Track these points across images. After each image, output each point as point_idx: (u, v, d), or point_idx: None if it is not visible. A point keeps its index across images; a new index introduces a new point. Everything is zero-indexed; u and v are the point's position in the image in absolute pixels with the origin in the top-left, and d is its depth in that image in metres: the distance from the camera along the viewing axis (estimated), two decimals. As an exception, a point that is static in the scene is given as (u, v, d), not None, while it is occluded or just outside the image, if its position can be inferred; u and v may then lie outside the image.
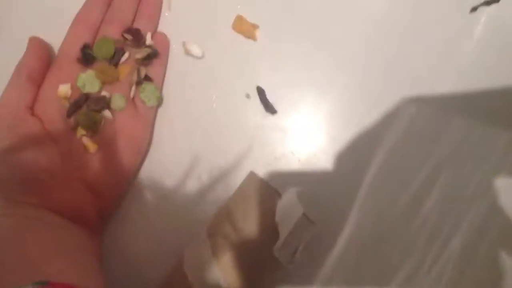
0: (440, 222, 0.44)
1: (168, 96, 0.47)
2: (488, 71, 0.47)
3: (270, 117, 0.47)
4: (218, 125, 0.47)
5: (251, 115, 0.47)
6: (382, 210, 0.45)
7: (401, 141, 0.46)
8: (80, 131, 0.42)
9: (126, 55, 0.44)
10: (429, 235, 0.44)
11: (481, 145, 0.45)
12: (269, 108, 0.47)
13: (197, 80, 0.47)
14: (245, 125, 0.47)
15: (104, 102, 0.42)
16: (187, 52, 0.47)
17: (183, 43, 0.47)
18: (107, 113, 0.42)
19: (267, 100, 0.47)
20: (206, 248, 0.39)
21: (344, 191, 0.45)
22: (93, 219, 0.42)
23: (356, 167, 0.46)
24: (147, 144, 0.46)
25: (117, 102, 0.43)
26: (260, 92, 0.47)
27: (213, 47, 0.48)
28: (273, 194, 0.41)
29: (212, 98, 0.47)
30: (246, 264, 0.38)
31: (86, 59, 0.43)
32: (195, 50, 0.47)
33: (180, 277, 0.39)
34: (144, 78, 0.44)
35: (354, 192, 0.45)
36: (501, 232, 0.44)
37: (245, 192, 0.42)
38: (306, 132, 0.47)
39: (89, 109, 0.42)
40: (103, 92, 0.43)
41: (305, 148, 0.46)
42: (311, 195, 0.44)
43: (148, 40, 0.45)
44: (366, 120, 0.46)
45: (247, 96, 0.47)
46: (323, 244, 0.44)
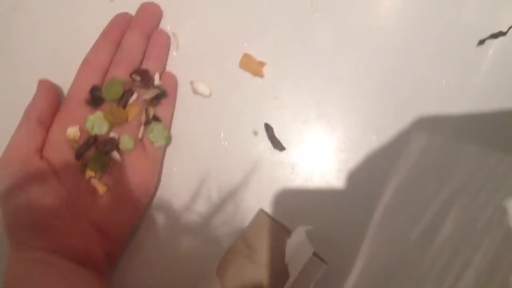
0: (454, 254, 0.44)
1: (177, 136, 0.47)
2: (498, 100, 0.47)
3: (279, 154, 0.47)
4: (227, 163, 0.47)
5: (260, 152, 0.47)
6: (394, 244, 0.45)
7: (413, 172, 0.46)
8: (89, 173, 0.42)
9: (135, 96, 0.45)
10: (443, 268, 0.43)
11: (494, 174, 0.45)
12: (277, 145, 0.47)
13: (205, 119, 0.47)
14: (254, 162, 0.47)
15: (113, 144, 0.42)
16: (195, 91, 0.47)
17: (191, 82, 0.48)
18: (116, 155, 0.43)
19: (275, 137, 0.47)
20: (215, 289, 0.39)
21: (355, 226, 0.45)
22: (101, 262, 0.42)
23: (367, 201, 0.45)
24: (156, 185, 0.46)
25: (126, 143, 0.43)
26: (268, 129, 0.47)
27: (221, 85, 0.48)
28: (283, 233, 0.40)
29: (221, 136, 0.47)
30: (256, 306, 0.38)
31: (95, 101, 0.44)
32: (203, 89, 0.47)
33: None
34: (153, 118, 0.45)
35: (365, 226, 0.45)
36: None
37: (254, 231, 0.41)
38: (315, 167, 0.46)
39: (98, 151, 0.42)
40: (112, 134, 0.43)
41: (314, 183, 0.46)
42: (321, 231, 0.44)
43: (157, 81, 0.46)
44: (377, 152, 0.46)
45: (255, 133, 0.47)
46: (334, 282, 0.44)
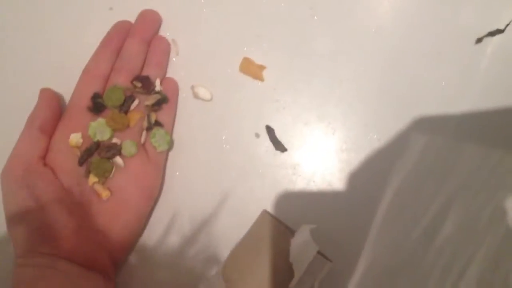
0: (456, 253, 0.44)
1: (179, 140, 0.48)
2: (498, 98, 0.47)
3: (280, 155, 0.47)
4: (230, 166, 0.47)
5: (262, 154, 0.47)
6: (396, 243, 0.45)
7: (413, 172, 0.46)
8: (92, 179, 0.42)
9: (136, 102, 0.45)
10: (444, 268, 0.44)
11: (495, 172, 0.45)
12: (279, 146, 0.47)
13: (207, 123, 0.48)
14: (256, 164, 0.47)
15: (115, 149, 0.43)
16: (196, 96, 0.48)
17: (192, 87, 0.48)
18: (119, 160, 0.43)
19: (277, 139, 0.47)
20: (221, 290, 0.39)
21: (358, 225, 0.45)
22: (107, 265, 0.42)
23: (369, 200, 0.46)
24: (159, 188, 0.46)
25: (128, 149, 0.43)
26: (270, 131, 0.47)
27: (222, 90, 0.48)
28: (286, 233, 0.40)
29: (222, 139, 0.47)
30: (262, 305, 0.38)
31: (97, 108, 0.44)
32: (204, 93, 0.48)
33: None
34: (155, 124, 0.45)
35: (368, 225, 0.45)
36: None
37: (258, 232, 0.41)
38: (317, 168, 0.47)
39: (101, 157, 0.43)
40: (114, 139, 0.43)
41: (316, 184, 0.46)
42: (325, 230, 0.44)
43: (158, 86, 0.46)
44: (377, 153, 0.47)
45: (257, 136, 0.47)
46: (338, 280, 0.44)
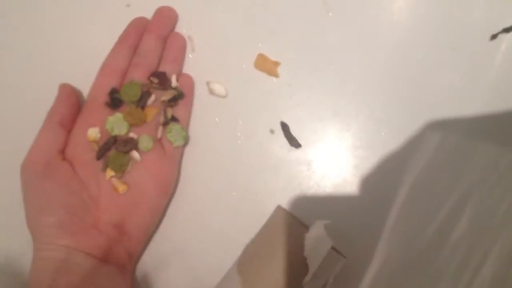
0: (470, 250, 0.44)
1: (194, 135, 0.48)
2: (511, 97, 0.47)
3: (295, 151, 0.47)
4: (244, 161, 0.47)
5: (276, 150, 0.47)
6: (411, 240, 0.45)
7: (427, 169, 0.46)
8: (110, 173, 0.43)
9: (153, 98, 0.45)
10: (459, 264, 0.44)
11: (509, 170, 0.45)
12: (294, 142, 0.47)
13: (222, 118, 0.48)
14: (271, 160, 0.47)
15: (132, 144, 0.43)
16: (211, 92, 0.48)
17: (207, 83, 0.48)
18: (135, 154, 0.43)
19: (291, 135, 0.47)
20: (236, 284, 0.39)
21: (372, 221, 0.45)
22: (124, 258, 0.42)
23: (383, 197, 0.46)
24: (175, 183, 0.46)
25: (145, 143, 0.44)
26: (284, 127, 0.47)
27: (237, 86, 0.49)
28: (301, 228, 0.41)
29: (237, 135, 0.48)
30: (276, 300, 0.38)
31: (114, 103, 0.45)
32: (219, 89, 0.48)
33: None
34: (171, 119, 0.46)
35: (382, 222, 0.45)
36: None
37: (273, 227, 0.42)
38: (331, 164, 0.47)
39: (118, 151, 0.43)
40: (131, 134, 0.44)
41: (331, 180, 0.47)
42: (339, 227, 0.44)
43: (174, 82, 0.46)
44: (391, 150, 0.47)
45: (271, 132, 0.48)
46: (353, 276, 0.44)
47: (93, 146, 0.43)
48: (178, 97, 0.46)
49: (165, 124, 0.45)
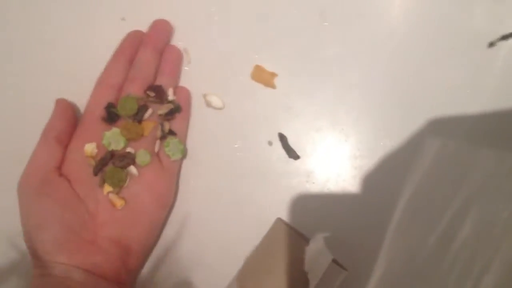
0: (472, 259, 0.43)
1: (192, 148, 0.48)
2: (511, 103, 0.47)
3: (294, 162, 0.47)
4: (243, 173, 0.47)
5: (275, 162, 0.47)
6: (412, 249, 0.44)
7: (427, 178, 0.46)
8: (107, 188, 0.42)
9: (150, 112, 0.45)
10: (461, 273, 0.43)
11: (509, 177, 0.45)
12: (292, 154, 0.47)
13: (220, 131, 0.48)
14: (270, 172, 0.47)
15: (130, 159, 0.43)
16: (208, 104, 0.48)
17: (204, 95, 0.48)
18: (133, 169, 0.43)
19: (290, 146, 0.47)
20: (236, 300, 0.39)
21: (372, 232, 0.45)
22: (123, 275, 0.42)
23: (384, 206, 0.46)
24: (173, 197, 0.46)
25: (142, 158, 0.43)
26: (282, 139, 0.47)
27: (234, 98, 0.48)
28: (301, 241, 0.40)
29: (235, 147, 0.48)
30: (277, 314, 0.38)
31: (111, 118, 0.44)
32: (216, 102, 0.48)
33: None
34: (168, 133, 0.45)
35: (383, 232, 0.45)
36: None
37: (273, 240, 0.41)
38: (330, 175, 0.47)
39: (115, 166, 0.43)
40: (128, 149, 0.44)
41: (330, 190, 0.46)
42: (339, 237, 0.44)
43: (170, 96, 0.46)
44: (391, 159, 0.46)
45: (270, 143, 0.47)
46: (354, 289, 0.44)
47: (90, 162, 0.43)
48: (175, 111, 0.46)
49: (163, 138, 0.45)
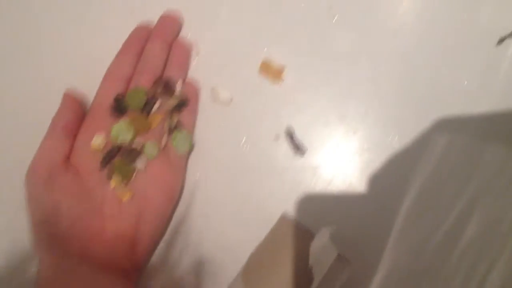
0: (479, 256, 0.43)
1: (199, 142, 0.48)
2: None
3: (300, 157, 0.47)
4: (249, 168, 0.47)
5: (281, 156, 0.47)
6: (418, 246, 0.44)
7: (435, 173, 0.46)
8: (114, 181, 0.43)
9: (158, 104, 0.45)
10: (468, 270, 0.43)
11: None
12: (299, 148, 0.47)
13: (227, 125, 0.48)
14: (276, 166, 0.47)
15: (137, 151, 0.43)
16: (216, 98, 0.48)
17: (212, 89, 0.48)
18: (140, 162, 0.43)
19: (296, 140, 0.47)
20: (242, 293, 0.39)
21: (379, 227, 0.45)
22: (129, 268, 0.42)
23: (390, 202, 0.45)
24: (180, 190, 0.46)
25: (150, 151, 0.44)
26: (289, 133, 0.47)
27: (241, 92, 0.48)
28: (306, 235, 0.40)
29: (242, 141, 0.48)
30: (282, 309, 0.38)
31: (119, 110, 0.45)
32: (224, 95, 0.48)
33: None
34: (176, 126, 0.45)
35: (389, 228, 0.45)
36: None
37: (278, 235, 0.42)
38: (337, 169, 0.47)
39: (123, 159, 0.43)
40: (136, 141, 0.44)
41: (337, 185, 0.46)
42: (345, 232, 0.44)
43: (179, 89, 0.46)
44: (399, 153, 0.46)
45: (276, 138, 0.47)
46: (359, 284, 0.43)
47: (98, 154, 0.43)
48: (183, 104, 0.46)
49: (170, 131, 0.45)
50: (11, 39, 0.51)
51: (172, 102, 0.45)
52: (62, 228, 0.40)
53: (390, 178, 0.46)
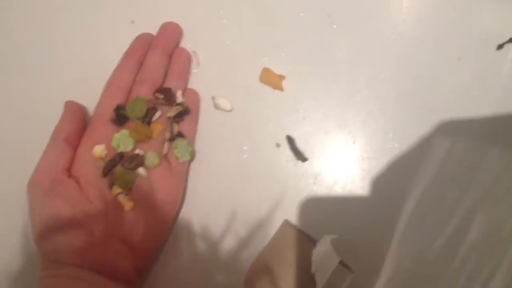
0: (480, 261, 0.43)
1: (201, 150, 0.48)
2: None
3: (301, 164, 0.47)
4: (251, 176, 0.47)
5: (283, 164, 0.47)
6: (420, 251, 0.44)
7: (436, 178, 0.46)
8: (116, 190, 0.43)
9: (158, 114, 0.45)
10: (469, 275, 0.43)
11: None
12: (300, 156, 0.47)
13: (228, 133, 0.48)
14: (277, 174, 0.47)
15: (138, 160, 0.43)
16: (217, 106, 0.48)
17: (212, 98, 0.48)
18: (142, 171, 0.43)
19: (297, 148, 0.47)
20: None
21: (380, 233, 0.45)
22: (131, 276, 0.42)
23: (391, 208, 0.46)
24: (182, 199, 0.46)
25: (151, 160, 0.44)
26: (290, 141, 0.47)
27: (242, 100, 0.49)
28: (308, 243, 0.40)
29: (243, 149, 0.48)
30: (285, 316, 0.38)
31: (120, 119, 0.45)
32: (224, 104, 0.48)
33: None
34: (177, 135, 0.46)
35: (390, 234, 0.45)
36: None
37: (280, 242, 0.42)
38: (338, 177, 0.47)
39: (124, 168, 0.43)
40: (137, 150, 0.44)
41: (338, 193, 0.46)
42: (347, 240, 0.44)
43: (179, 98, 0.47)
44: (399, 160, 0.46)
45: (277, 146, 0.48)
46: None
47: (99, 163, 0.43)
48: (184, 113, 0.46)
49: (171, 140, 0.45)
50: (14, 49, 0.51)
51: (173, 111, 0.46)
52: (64, 237, 0.40)
53: (391, 184, 0.46)
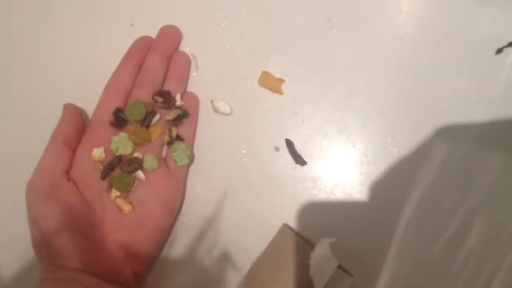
0: (480, 265, 0.43)
1: (199, 154, 0.48)
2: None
3: (300, 168, 0.47)
4: (249, 179, 0.47)
5: (281, 168, 0.47)
6: (419, 256, 0.44)
7: (435, 183, 0.46)
8: (114, 193, 0.43)
9: (157, 117, 0.46)
10: (468, 280, 0.43)
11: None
12: (299, 160, 0.47)
13: (227, 136, 0.48)
14: (276, 178, 0.47)
15: (137, 163, 0.43)
16: (216, 110, 0.48)
17: (212, 101, 0.48)
18: (140, 174, 0.43)
19: (296, 152, 0.47)
20: (242, 305, 0.39)
21: (379, 238, 0.45)
22: (129, 279, 0.42)
23: (390, 213, 0.45)
24: (180, 202, 0.46)
25: (150, 163, 0.44)
26: (289, 145, 0.47)
27: (241, 103, 0.49)
28: (307, 246, 0.40)
29: (242, 153, 0.48)
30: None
31: (119, 122, 0.45)
32: (223, 107, 0.48)
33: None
34: (175, 138, 0.46)
35: (389, 238, 0.45)
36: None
37: (278, 246, 0.42)
38: (337, 181, 0.47)
39: (123, 171, 0.43)
40: (136, 154, 0.44)
41: (337, 197, 0.46)
42: (345, 244, 0.44)
43: (178, 101, 0.47)
44: (398, 164, 0.46)
45: (276, 149, 0.47)
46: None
47: (98, 166, 0.43)
48: (183, 116, 0.46)
49: (170, 143, 0.45)
50: (14, 51, 0.51)
51: (172, 115, 0.46)
52: (63, 240, 0.40)
53: (390, 189, 0.46)
